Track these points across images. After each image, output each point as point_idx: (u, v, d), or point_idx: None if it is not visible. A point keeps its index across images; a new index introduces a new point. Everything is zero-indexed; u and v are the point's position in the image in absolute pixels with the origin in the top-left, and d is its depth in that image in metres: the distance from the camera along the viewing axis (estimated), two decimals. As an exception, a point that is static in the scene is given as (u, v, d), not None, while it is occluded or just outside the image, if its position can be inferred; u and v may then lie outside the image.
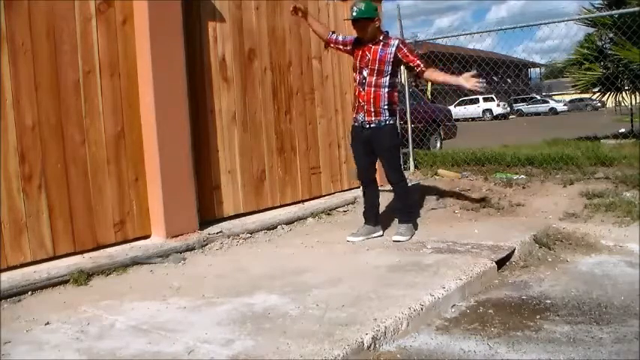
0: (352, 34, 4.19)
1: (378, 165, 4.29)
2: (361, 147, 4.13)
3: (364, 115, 4.02)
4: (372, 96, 3.97)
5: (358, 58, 4.03)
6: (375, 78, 3.96)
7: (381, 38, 3.99)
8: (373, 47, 3.97)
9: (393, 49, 3.95)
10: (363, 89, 4.00)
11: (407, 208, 4.23)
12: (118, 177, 3.82)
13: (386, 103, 3.98)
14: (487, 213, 4.82)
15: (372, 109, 3.99)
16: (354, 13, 3.89)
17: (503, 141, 9.30)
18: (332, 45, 4.30)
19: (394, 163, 4.18)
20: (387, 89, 3.99)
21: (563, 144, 8.52)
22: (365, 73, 3.98)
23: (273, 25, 5.00)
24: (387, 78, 3.98)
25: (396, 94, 4.11)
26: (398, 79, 4.48)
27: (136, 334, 2.49)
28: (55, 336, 2.51)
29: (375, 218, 4.24)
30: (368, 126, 4.03)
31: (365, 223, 4.22)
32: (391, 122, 4.07)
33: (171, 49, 3.97)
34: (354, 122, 4.14)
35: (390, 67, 3.98)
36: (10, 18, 3.30)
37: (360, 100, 4.03)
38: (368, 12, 3.88)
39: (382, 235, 4.22)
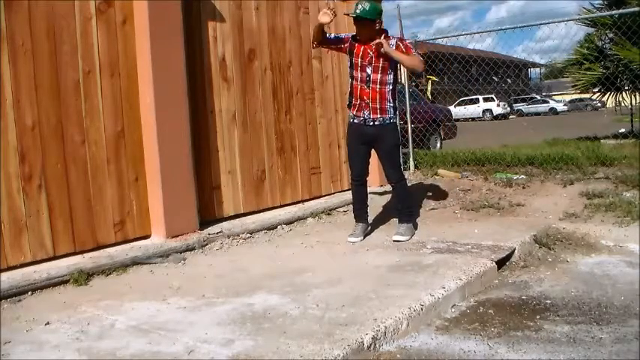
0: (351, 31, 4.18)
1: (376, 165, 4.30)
2: (361, 145, 4.13)
3: (369, 113, 4.01)
4: (377, 94, 3.97)
5: (360, 56, 3.99)
6: (380, 75, 3.96)
7: (382, 37, 3.97)
8: (373, 47, 3.96)
9: (393, 47, 3.95)
10: (368, 87, 3.99)
11: (407, 208, 4.23)
12: (118, 177, 3.82)
13: (391, 100, 4.01)
14: (487, 213, 4.82)
15: (378, 107, 3.99)
16: (358, 11, 3.87)
17: (503, 141, 9.30)
18: (324, 45, 4.18)
19: (395, 162, 4.20)
20: (390, 86, 4.01)
21: (563, 144, 8.52)
22: (369, 70, 3.97)
23: (273, 25, 5.00)
24: (391, 75, 4.00)
25: (395, 91, 4.13)
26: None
27: (136, 334, 2.48)
28: (55, 336, 2.51)
29: (366, 215, 4.32)
30: (372, 123, 4.02)
31: (359, 222, 4.25)
32: (394, 120, 4.10)
33: (171, 49, 3.97)
34: (355, 120, 4.10)
35: (393, 64, 3.99)
36: (10, 18, 3.30)
37: (365, 98, 4.00)
38: (371, 13, 3.87)
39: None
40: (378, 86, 3.97)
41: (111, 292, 3.11)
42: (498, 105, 34.19)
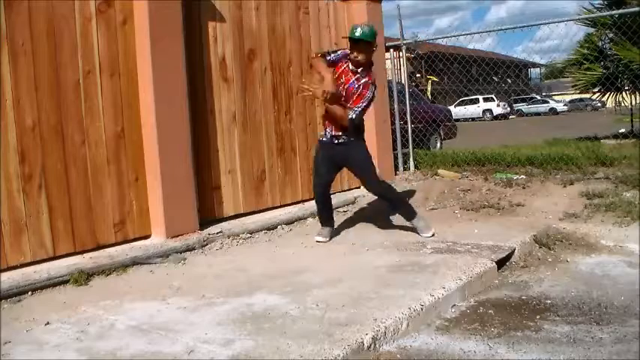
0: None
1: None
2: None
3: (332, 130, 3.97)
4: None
5: (336, 76, 3.89)
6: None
7: (359, 70, 3.89)
8: (350, 74, 3.89)
9: (361, 83, 3.87)
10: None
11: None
12: (118, 177, 3.82)
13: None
14: (487, 213, 4.81)
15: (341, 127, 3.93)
16: (357, 34, 3.77)
17: (503, 141, 9.30)
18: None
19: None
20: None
21: (564, 144, 8.52)
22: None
23: (273, 25, 5.00)
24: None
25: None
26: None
27: (136, 334, 2.49)
28: (55, 336, 2.51)
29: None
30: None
31: (326, 226, 4.26)
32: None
33: (171, 49, 3.97)
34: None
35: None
36: (10, 18, 3.30)
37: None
38: (371, 36, 3.82)
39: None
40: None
41: (111, 292, 3.10)
42: (498, 105, 34.19)
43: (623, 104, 10.62)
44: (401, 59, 6.84)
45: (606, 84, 9.10)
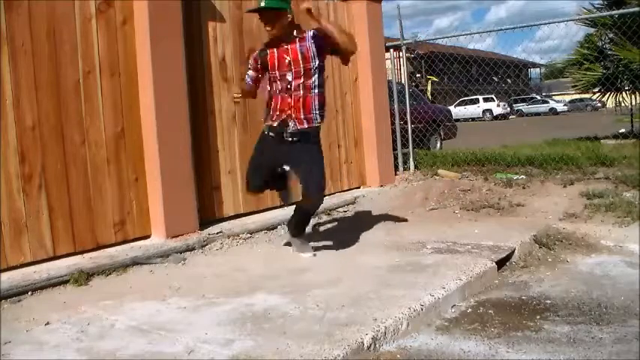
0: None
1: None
2: (273, 158, 3.54)
3: (295, 123, 3.42)
4: (300, 102, 3.41)
5: (276, 65, 3.42)
6: (302, 81, 3.40)
7: (295, 34, 3.43)
8: (291, 46, 3.40)
9: (310, 40, 3.42)
10: (290, 96, 3.41)
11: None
12: (118, 177, 3.82)
13: (317, 106, 3.46)
14: (487, 213, 4.82)
15: (303, 116, 3.43)
16: (263, 3, 3.28)
17: (503, 141, 9.30)
18: (259, 85, 3.61)
19: (322, 171, 3.57)
20: (317, 90, 3.46)
21: (564, 144, 8.52)
22: (290, 77, 3.39)
23: (273, 25, 4.99)
24: (316, 77, 3.44)
25: (325, 93, 3.57)
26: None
27: (136, 334, 2.49)
28: (55, 336, 2.51)
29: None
30: (297, 131, 3.44)
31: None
32: (318, 126, 3.56)
33: (171, 49, 3.97)
34: (270, 131, 3.51)
35: (316, 63, 3.42)
36: (10, 18, 3.30)
37: (285, 108, 3.42)
38: (277, 3, 3.30)
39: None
40: (301, 92, 3.41)
41: (111, 292, 3.10)
42: (498, 105, 34.19)
43: (623, 104, 10.59)
44: (401, 59, 6.85)
45: (606, 84, 9.09)
